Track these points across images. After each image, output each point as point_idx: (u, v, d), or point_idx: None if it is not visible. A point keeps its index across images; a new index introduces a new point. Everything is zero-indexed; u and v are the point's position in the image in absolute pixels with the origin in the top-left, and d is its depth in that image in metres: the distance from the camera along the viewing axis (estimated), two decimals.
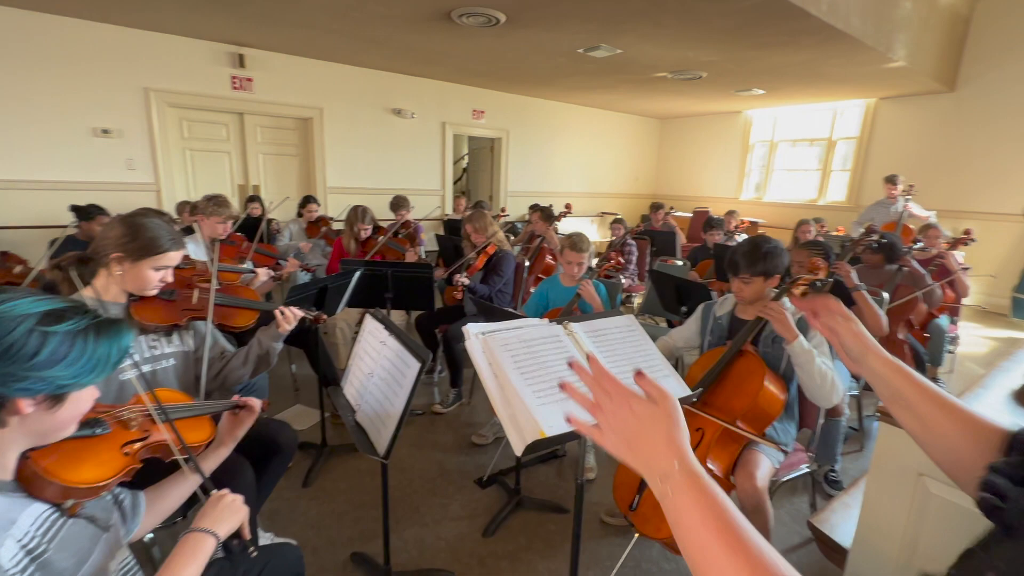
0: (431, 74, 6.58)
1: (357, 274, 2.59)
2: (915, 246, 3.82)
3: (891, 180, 5.27)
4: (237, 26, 4.71)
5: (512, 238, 5.08)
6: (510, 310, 2.59)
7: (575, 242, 2.57)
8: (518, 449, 0.98)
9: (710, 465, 1.61)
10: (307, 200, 4.65)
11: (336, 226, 4.67)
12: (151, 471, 1.06)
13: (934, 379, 3.41)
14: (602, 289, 2.57)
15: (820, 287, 2.28)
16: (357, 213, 3.42)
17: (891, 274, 3.01)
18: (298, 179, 6.31)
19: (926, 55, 5.31)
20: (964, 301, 3.86)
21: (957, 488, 0.62)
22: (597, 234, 8.87)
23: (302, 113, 5.98)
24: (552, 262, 4.03)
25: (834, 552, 1.40)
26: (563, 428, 1.03)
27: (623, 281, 3.95)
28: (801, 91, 6.66)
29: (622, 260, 4.52)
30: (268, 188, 6.04)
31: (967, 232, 3.59)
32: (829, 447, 2.30)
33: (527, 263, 3.45)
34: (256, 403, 1.22)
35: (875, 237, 2.92)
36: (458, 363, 2.98)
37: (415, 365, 1.36)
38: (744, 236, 6.17)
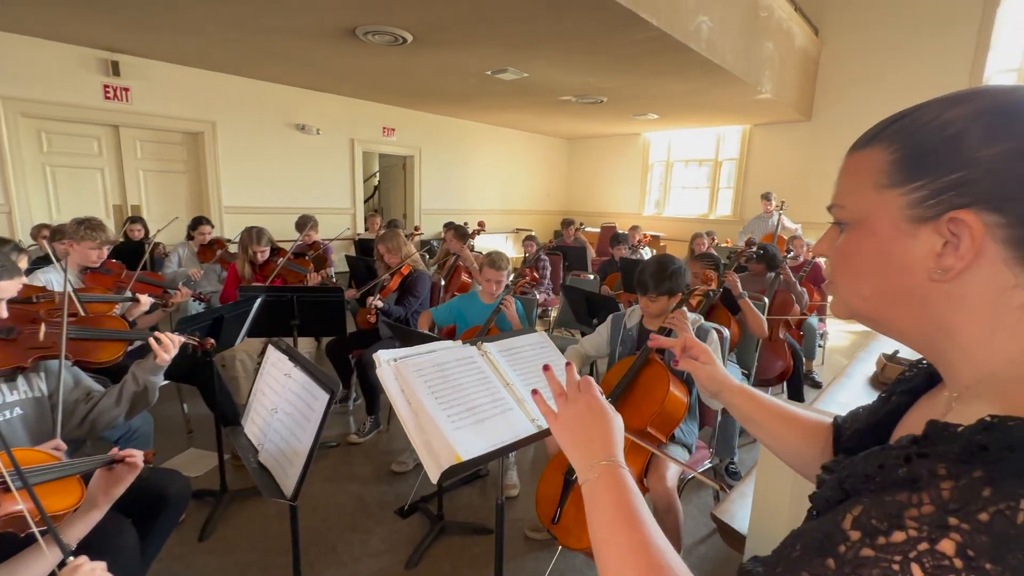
0: (338, 90, 6.39)
1: (258, 301, 2.41)
2: (788, 255, 4.34)
3: (766, 197, 5.96)
4: (110, 30, 4.25)
5: (429, 258, 5.02)
6: (427, 332, 2.55)
7: (494, 260, 2.61)
8: (434, 476, 0.96)
9: None
10: (198, 221, 4.24)
11: (234, 248, 4.32)
12: (2, 546, 0.90)
13: (809, 372, 3.87)
14: (519, 305, 2.62)
15: (712, 297, 2.51)
16: (252, 235, 3.19)
17: (771, 281, 3.39)
18: (188, 198, 5.77)
19: (787, 89, 6.12)
20: (830, 301, 4.44)
21: None
22: (512, 250, 9.05)
23: (191, 127, 5.51)
24: (468, 280, 4.04)
25: (735, 539, 1.52)
26: (479, 451, 1.03)
27: (539, 296, 4.06)
28: (690, 116, 7.37)
29: (537, 275, 4.65)
30: (151, 208, 5.46)
31: None
32: (727, 441, 2.51)
33: (443, 282, 3.43)
34: (138, 455, 1.08)
35: (754, 248, 3.27)
36: (374, 389, 2.87)
37: (324, 396, 1.29)
38: (647, 249, 6.63)
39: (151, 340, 1.47)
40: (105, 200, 5.21)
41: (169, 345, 1.48)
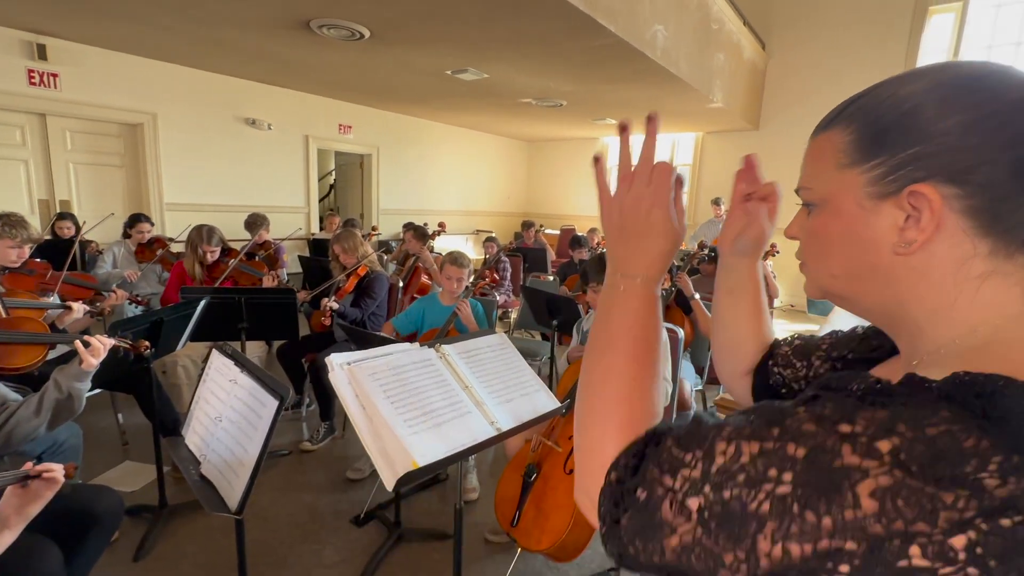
0: (291, 84, 6.16)
1: (203, 303, 2.28)
2: None
3: (716, 202, 6.20)
4: (35, 9, 3.92)
5: (386, 257, 4.92)
6: (383, 335, 2.49)
7: (456, 258, 2.59)
8: (389, 483, 0.93)
9: None
10: (136, 218, 3.98)
11: (176, 248, 4.08)
12: None
13: None
14: (479, 307, 2.60)
15: (666, 295, 2.57)
16: (201, 234, 3.02)
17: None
18: (125, 194, 5.41)
19: (736, 99, 6.39)
20: (775, 302, 4.66)
21: None
22: (472, 252, 9.01)
23: (129, 118, 5.16)
24: (428, 281, 3.98)
25: None
26: (437, 456, 1.00)
27: (498, 298, 4.05)
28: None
29: (497, 277, 4.64)
30: (83, 204, 5.07)
31: (772, 246, 4.35)
32: None
33: (401, 283, 3.36)
34: (56, 470, 0.99)
35: (706, 251, 3.39)
36: (328, 394, 2.77)
37: (272, 403, 1.23)
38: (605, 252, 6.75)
39: (78, 343, 1.35)
40: (29, 194, 4.80)
41: (98, 348, 1.36)
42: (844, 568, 0.31)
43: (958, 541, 0.29)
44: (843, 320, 3.27)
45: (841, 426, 0.33)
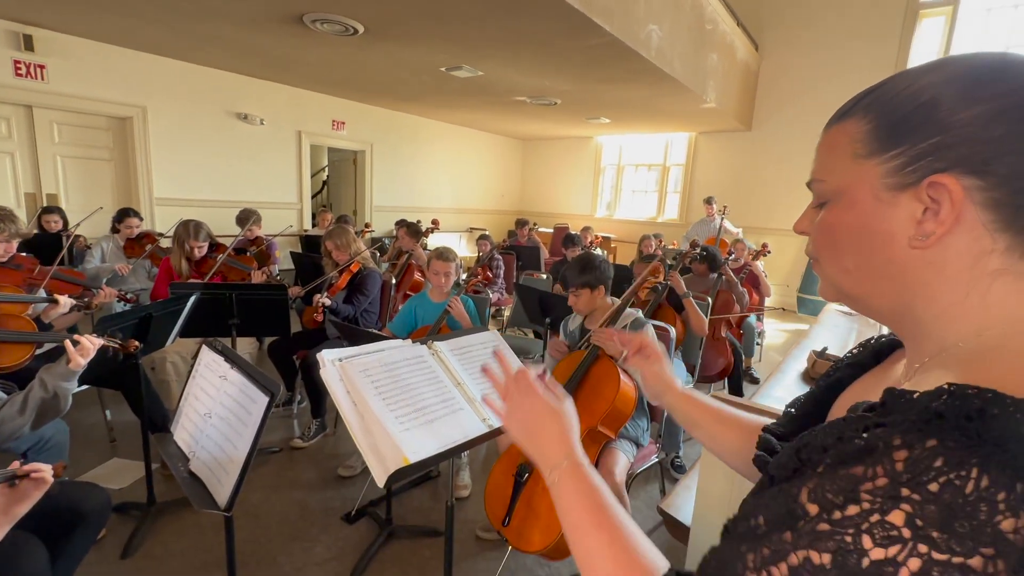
0: (284, 79, 6.10)
1: (193, 298, 2.26)
2: (730, 258, 4.55)
3: (708, 201, 6.24)
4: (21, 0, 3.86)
5: (380, 255, 4.90)
6: (375, 331, 2.48)
7: (442, 252, 2.59)
8: (380, 480, 0.93)
9: None
10: (125, 213, 3.93)
11: (166, 243, 4.04)
12: None
13: (748, 368, 4.07)
14: (471, 304, 2.59)
15: (660, 291, 2.58)
16: (188, 229, 2.99)
17: (714, 282, 3.54)
18: (115, 188, 5.34)
19: (729, 99, 6.42)
20: (767, 302, 4.70)
21: None
22: (466, 249, 8.99)
23: (118, 111, 5.09)
24: (421, 279, 3.97)
25: (679, 531, 1.57)
26: (428, 453, 1.00)
27: (491, 295, 4.05)
28: (640, 122, 7.59)
29: (490, 275, 4.64)
30: (71, 198, 5.00)
31: (764, 246, 4.38)
32: (673, 436, 2.60)
33: (394, 281, 3.35)
34: (45, 470, 0.97)
35: (698, 250, 3.41)
36: (319, 391, 2.76)
37: (263, 399, 1.22)
38: (599, 251, 6.76)
39: (67, 343, 1.33)
40: (16, 187, 4.73)
41: (87, 348, 1.34)
42: None
43: None
44: (832, 319, 3.29)
45: (849, 509, 0.32)
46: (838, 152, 0.46)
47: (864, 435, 0.34)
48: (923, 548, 0.29)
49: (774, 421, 0.65)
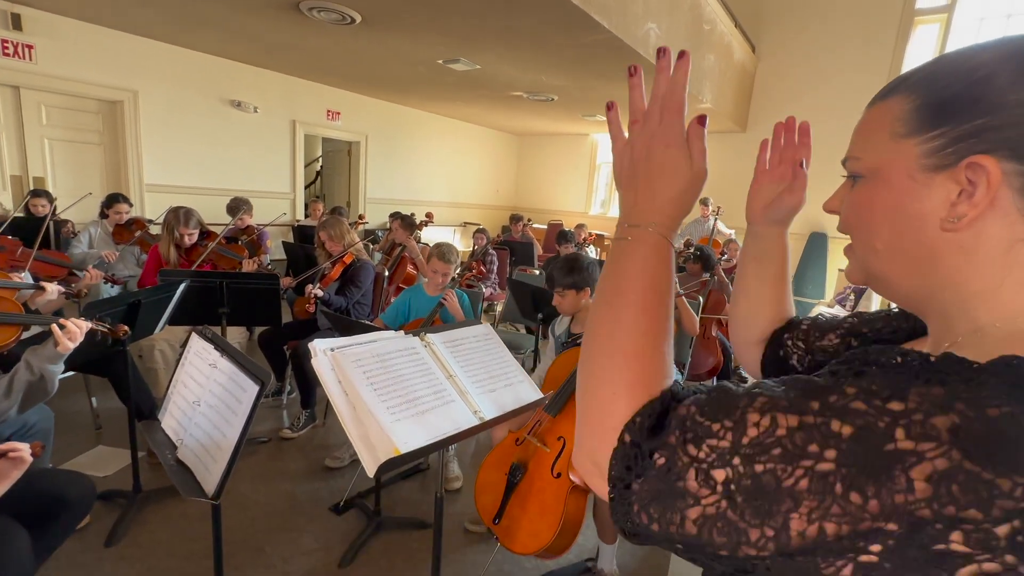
0: (279, 67, 6.03)
1: (182, 286, 2.23)
2: (722, 258, 4.58)
3: (703, 202, 6.27)
4: None
5: (372, 247, 4.87)
6: (367, 323, 2.47)
7: (443, 252, 2.57)
8: (370, 470, 0.93)
9: (572, 477, 1.64)
10: (114, 198, 3.87)
11: (155, 230, 3.98)
12: None
13: (737, 368, 4.11)
14: (465, 298, 2.59)
15: None
16: (178, 216, 2.95)
17: (706, 280, 3.57)
18: (104, 173, 5.25)
19: (725, 100, 6.44)
20: None
21: None
22: (460, 243, 8.97)
23: (108, 95, 5.01)
24: (414, 272, 3.96)
25: None
26: (419, 444, 1.00)
27: (485, 290, 4.05)
28: None
29: (484, 269, 4.63)
30: (59, 182, 4.91)
31: None
32: None
33: (387, 273, 3.34)
34: (22, 449, 0.96)
35: (692, 249, 3.43)
36: (310, 382, 2.75)
37: (253, 388, 1.21)
38: (593, 248, 6.78)
39: (53, 326, 1.31)
40: (1, 170, 4.64)
41: (75, 332, 1.33)
42: (876, 548, 0.30)
43: (1002, 529, 0.28)
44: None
45: (892, 404, 0.31)
46: (877, 130, 0.45)
47: (926, 362, 0.33)
48: (956, 455, 0.29)
49: (794, 344, 0.66)
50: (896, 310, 0.60)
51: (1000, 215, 0.38)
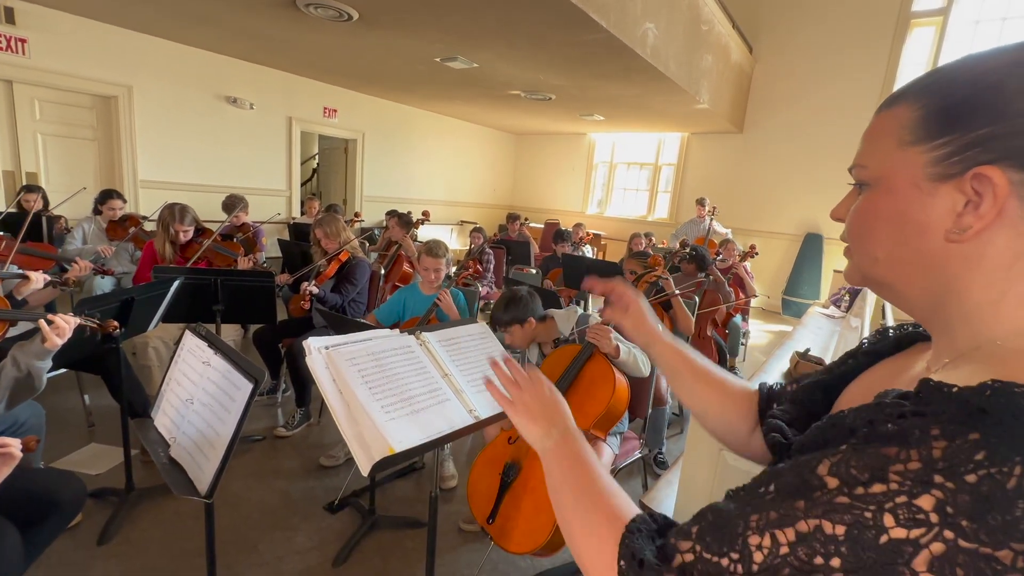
0: (275, 64, 6.00)
1: (176, 283, 2.22)
2: (718, 258, 4.59)
3: (700, 202, 6.28)
4: None
5: (369, 245, 4.86)
6: (363, 321, 2.46)
7: (432, 248, 2.56)
8: (364, 469, 0.93)
9: None
10: (108, 194, 3.85)
11: (150, 227, 3.96)
12: None
13: (732, 368, 4.12)
14: (461, 297, 2.59)
15: (648, 292, 2.60)
16: (174, 212, 2.93)
17: (701, 281, 3.57)
18: (97, 169, 5.22)
19: (722, 101, 6.46)
20: (752, 302, 4.75)
21: (744, 460, 0.75)
22: (456, 242, 8.96)
23: (102, 90, 4.97)
24: (410, 270, 3.95)
25: None
26: (414, 443, 1.00)
27: (481, 289, 4.04)
28: (634, 120, 7.60)
29: (480, 268, 4.63)
30: (52, 177, 4.88)
31: (752, 247, 4.43)
32: (656, 432, 2.62)
33: (383, 271, 3.32)
34: (13, 444, 0.95)
35: (687, 250, 3.43)
36: (304, 380, 2.74)
37: (247, 386, 1.21)
38: (589, 247, 6.78)
39: (41, 322, 1.29)
40: None
41: (63, 328, 1.31)
42: None
43: None
44: (816, 321, 3.33)
45: (874, 487, 0.31)
46: (883, 138, 0.44)
47: (899, 421, 0.33)
48: (950, 534, 0.29)
49: (778, 407, 0.63)
50: (859, 344, 0.60)
51: (1007, 226, 0.37)
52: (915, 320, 0.48)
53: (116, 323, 1.56)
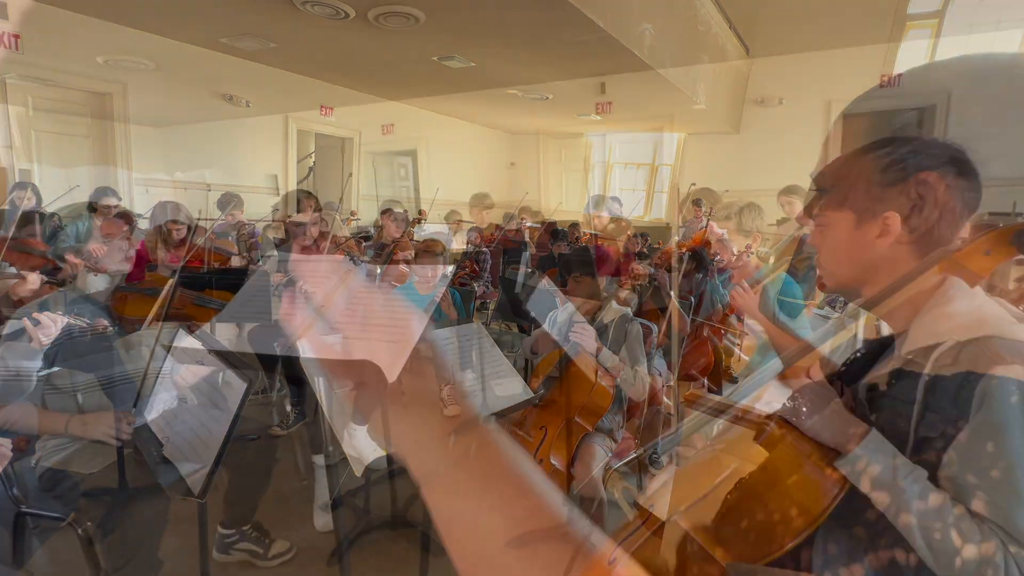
0: (272, 62, 5.95)
1: (170, 283, 2.20)
2: (715, 259, 4.60)
3: (697, 203, 6.29)
4: None
5: (364, 244, 4.84)
6: None
7: (429, 247, 2.57)
8: (358, 470, 0.92)
9: (553, 460, 1.69)
10: (102, 192, 3.83)
11: (144, 224, 3.94)
12: None
13: (728, 368, 4.13)
14: (457, 297, 2.59)
15: (643, 292, 2.61)
16: (167, 210, 2.93)
17: (699, 282, 3.58)
18: (91, 166, 5.18)
19: (719, 102, 6.48)
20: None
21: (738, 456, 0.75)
22: (452, 242, 8.94)
23: (97, 87, 4.94)
24: (406, 269, 3.94)
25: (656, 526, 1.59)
26: None
27: (477, 288, 4.04)
28: (631, 121, 7.62)
29: (477, 268, 4.63)
30: (45, 175, 4.84)
31: (748, 247, 4.44)
32: (652, 432, 2.63)
33: (378, 270, 3.31)
34: (3, 444, 0.94)
35: (684, 250, 3.44)
36: (299, 379, 2.73)
37: (240, 386, 1.20)
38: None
39: (26, 321, 1.28)
40: None
41: (49, 327, 1.30)
42: None
43: None
44: (810, 322, 3.34)
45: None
46: (844, 145, 0.47)
47: None
48: None
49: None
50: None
51: (950, 223, 0.42)
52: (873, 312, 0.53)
53: (106, 323, 1.55)
